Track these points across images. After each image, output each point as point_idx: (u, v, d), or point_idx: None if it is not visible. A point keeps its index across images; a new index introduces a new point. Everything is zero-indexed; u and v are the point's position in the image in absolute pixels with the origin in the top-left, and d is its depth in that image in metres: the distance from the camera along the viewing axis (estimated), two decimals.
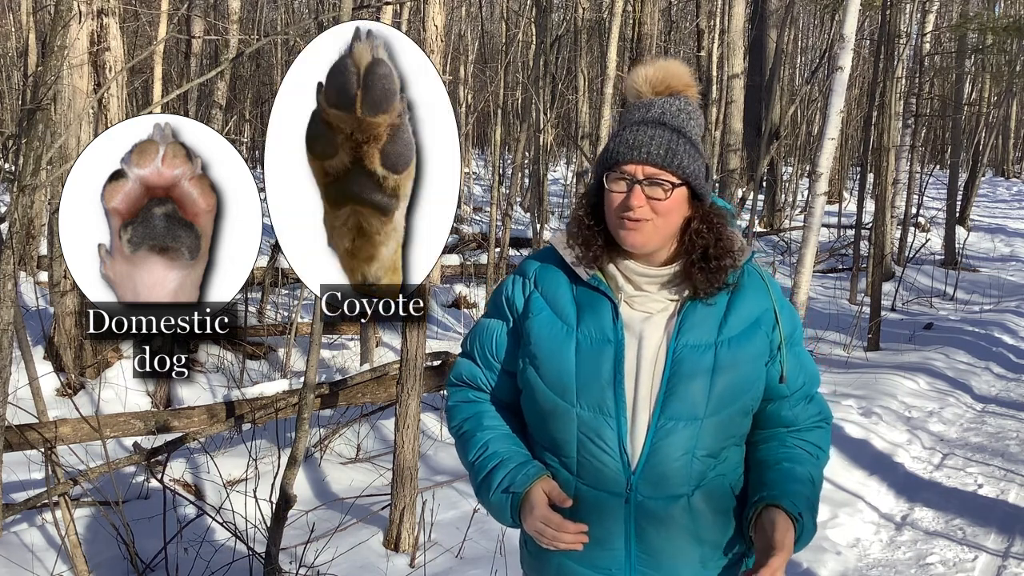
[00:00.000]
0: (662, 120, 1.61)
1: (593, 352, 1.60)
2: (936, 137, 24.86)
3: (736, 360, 1.61)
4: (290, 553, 3.67)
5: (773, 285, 1.70)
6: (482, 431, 1.73)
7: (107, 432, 3.93)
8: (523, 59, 14.08)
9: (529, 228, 12.30)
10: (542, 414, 1.66)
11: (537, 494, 1.61)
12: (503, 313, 1.74)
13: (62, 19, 3.19)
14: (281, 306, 8.36)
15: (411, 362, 3.79)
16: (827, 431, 1.77)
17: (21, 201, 3.19)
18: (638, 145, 1.58)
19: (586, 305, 1.64)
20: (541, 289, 1.69)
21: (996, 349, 8.34)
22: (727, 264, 1.61)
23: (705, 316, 1.62)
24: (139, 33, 13.55)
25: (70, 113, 5.48)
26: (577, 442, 1.62)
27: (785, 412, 1.71)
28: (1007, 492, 4.85)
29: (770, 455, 1.70)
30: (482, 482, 1.69)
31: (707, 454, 1.61)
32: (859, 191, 10.13)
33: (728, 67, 11.91)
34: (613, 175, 1.59)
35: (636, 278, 1.64)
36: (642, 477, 1.59)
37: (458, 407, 1.79)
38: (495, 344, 1.74)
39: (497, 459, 1.68)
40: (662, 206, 1.58)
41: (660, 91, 1.66)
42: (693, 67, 1.74)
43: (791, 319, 1.70)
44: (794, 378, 1.69)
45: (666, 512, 1.61)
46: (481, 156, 23.69)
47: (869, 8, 12.52)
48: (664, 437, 1.58)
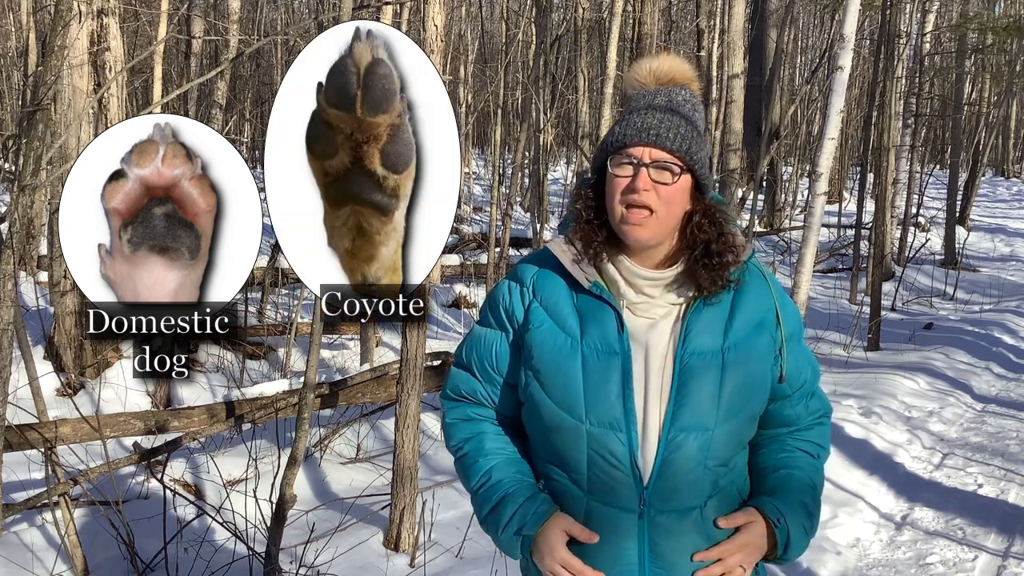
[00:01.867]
0: (670, 107, 1.57)
1: (600, 366, 1.55)
2: (936, 137, 24.86)
3: (743, 364, 1.57)
4: (290, 553, 3.67)
5: (774, 283, 1.67)
6: (484, 456, 1.67)
7: (107, 432, 3.93)
8: (523, 59, 14.08)
9: (529, 228, 12.30)
10: (548, 430, 1.60)
11: (555, 536, 1.56)
12: (503, 324, 1.67)
13: (62, 19, 3.19)
14: (281, 306, 8.36)
15: (411, 362, 3.79)
16: (828, 427, 1.76)
17: (21, 201, 3.19)
18: (646, 128, 1.53)
19: (589, 315, 1.58)
20: (541, 298, 1.63)
21: (996, 349, 8.34)
22: (730, 260, 1.57)
23: (710, 320, 1.58)
24: (139, 33, 13.55)
25: (70, 113, 5.48)
26: (587, 459, 1.56)
27: (788, 411, 1.69)
28: (1007, 492, 4.85)
29: (769, 460, 1.69)
30: (488, 515, 1.63)
31: (718, 463, 1.58)
32: (859, 191, 10.13)
33: (728, 67, 11.91)
34: (618, 158, 1.54)
35: (638, 281, 1.58)
36: (655, 492, 1.55)
37: (457, 426, 1.72)
38: (495, 356, 1.67)
39: (502, 491, 1.62)
40: (667, 191, 1.53)
41: (664, 82, 1.62)
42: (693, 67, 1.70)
43: (793, 317, 1.67)
44: (796, 376, 1.67)
45: (680, 525, 1.57)
46: (481, 156, 23.70)
47: (869, 8, 12.52)
48: (676, 450, 1.54)
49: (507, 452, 1.68)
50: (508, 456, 1.67)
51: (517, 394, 1.67)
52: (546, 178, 11.01)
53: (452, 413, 1.74)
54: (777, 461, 1.68)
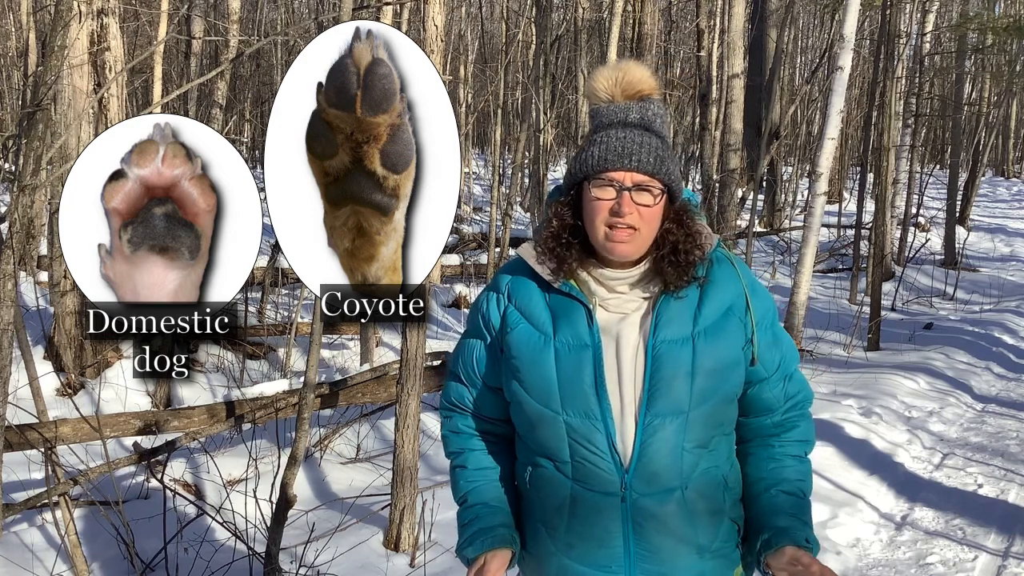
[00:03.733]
0: (643, 124, 1.63)
1: (572, 358, 1.62)
2: (936, 137, 24.86)
3: (714, 349, 1.62)
4: (290, 553, 3.67)
5: (743, 269, 1.72)
6: (466, 479, 1.78)
7: (107, 432, 3.93)
8: (523, 59, 14.08)
9: (529, 228, 12.30)
10: (531, 424, 1.68)
11: (487, 561, 1.65)
12: (480, 332, 1.76)
13: (62, 19, 3.19)
14: (281, 306, 8.36)
15: (411, 362, 3.79)
16: (809, 419, 1.79)
17: (21, 201, 3.19)
18: (627, 153, 1.59)
19: (560, 312, 1.66)
20: (515, 302, 1.71)
21: (996, 349, 8.34)
22: (695, 257, 1.64)
23: (680, 310, 1.63)
24: (139, 33, 13.55)
25: (70, 113, 5.48)
26: (569, 447, 1.64)
27: (766, 394, 1.72)
28: (1007, 492, 4.85)
29: (761, 475, 1.73)
30: (458, 530, 1.77)
31: (697, 445, 1.63)
32: (859, 191, 10.13)
33: (728, 67, 11.91)
34: (599, 182, 1.60)
35: (607, 281, 1.65)
36: (635, 476, 1.61)
37: (448, 438, 1.85)
38: (475, 361, 1.77)
39: (472, 515, 1.74)
40: (649, 212, 1.60)
41: (631, 95, 1.66)
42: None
43: (763, 301, 1.71)
44: (769, 359, 1.70)
45: (662, 507, 1.63)
46: (481, 156, 23.70)
47: (869, 8, 12.52)
48: (652, 434, 1.60)
49: (485, 475, 1.79)
50: (486, 480, 1.79)
51: (499, 397, 1.76)
52: (546, 178, 11.00)
53: (446, 424, 1.86)
54: (769, 477, 1.73)
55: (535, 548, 1.75)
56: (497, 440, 1.82)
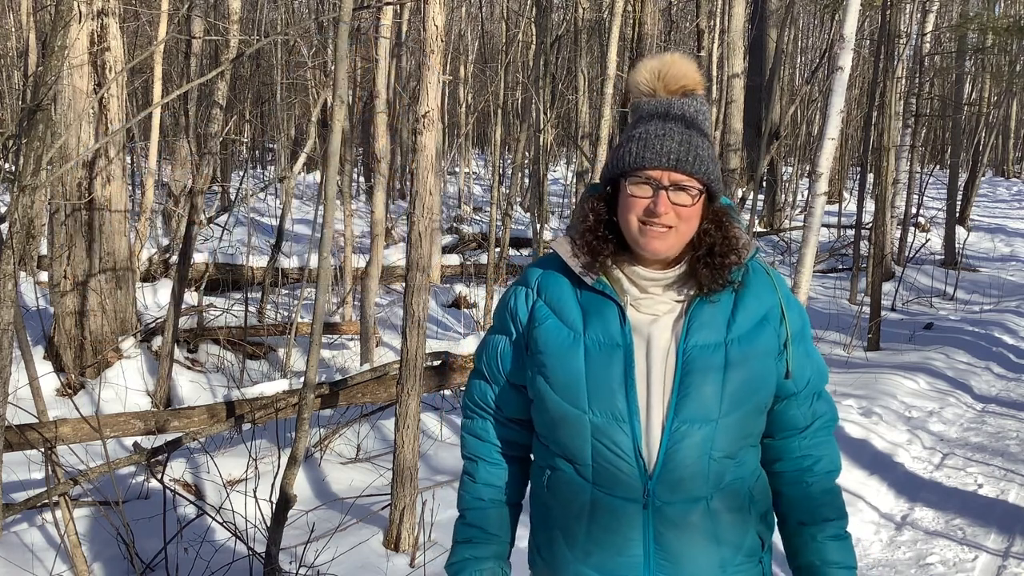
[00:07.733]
0: (684, 123, 1.57)
1: (602, 357, 1.57)
2: (936, 137, 24.88)
3: (747, 358, 1.58)
4: (290, 553, 3.67)
5: (779, 281, 1.67)
6: (471, 493, 1.76)
7: (107, 432, 3.93)
8: (523, 59, 14.08)
9: (529, 228, 12.30)
10: (554, 422, 1.62)
11: None
12: (507, 327, 1.71)
13: (62, 19, 3.18)
14: (281, 306, 8.36)
15: (411, 362, 3.79)
16: (834, 444, 1.75)
17: (21, 201, 3.19)
18: (666, 152, 1.53)
19: (592, 310, 1.61)
20: (545, 297, 1.66)
21: (996, 349, 8.34)
22: (732, 261, 1.58)
23: (713, 315, 1.59)
24: (139, 33, 13.56)
25: (70, 113, 5.48)
26: (592, 449, 1.58)
27: (793, 410, 1.68)
28: (1007, 492, 4.85)
29: (795, 514, 1.72)
30: (452, 542, 1.76)
31: (724, 455, 1.58)
32: (859, 191, 10.12)
33: (728, 67, 11.92)
34: (636, 179, 1.55)
35: (641, 281, 1.60)
36: (660, 482, 1.56)
37: (466, 440, 1.80)
38: (499, 357, 1.72)
39: (466, 536, 1.74)
40: (687, 212, 1.55)
41: (674, 90, 1.60)
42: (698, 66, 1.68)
43: (799, 315, 1.67)
44: (801, 374, 1.66)
45: (685, 517, 1.58)
46: (481, 156, 23.71)
47: (869, 8, 12.52)
48: (680, 440, 1.55)
49: (491, 493, 1.76)
50: (490, 499, 1.76)
51: (523, 396, 1.70)
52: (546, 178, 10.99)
53: (466, 425, 1.81)
54: (805, 516, 1.71)
55: (550, 555, 1.70)
56: (514, 449, 1.77)
